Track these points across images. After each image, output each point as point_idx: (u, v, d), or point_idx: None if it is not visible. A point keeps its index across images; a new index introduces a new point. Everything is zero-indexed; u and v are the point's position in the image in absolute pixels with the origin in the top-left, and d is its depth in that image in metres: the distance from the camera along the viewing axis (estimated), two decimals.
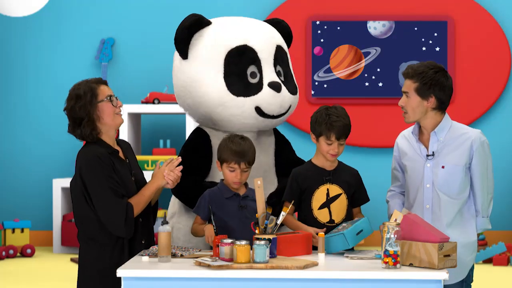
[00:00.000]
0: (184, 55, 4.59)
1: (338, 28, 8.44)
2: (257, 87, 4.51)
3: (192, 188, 4.40)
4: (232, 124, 4.54)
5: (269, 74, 4.54)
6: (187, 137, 7.92)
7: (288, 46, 4.86)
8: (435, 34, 8.41)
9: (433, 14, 8.46)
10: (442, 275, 3.40)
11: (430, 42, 8.41)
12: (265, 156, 4.58)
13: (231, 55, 4.52)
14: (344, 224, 3.99)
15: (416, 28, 8.42)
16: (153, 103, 8.01)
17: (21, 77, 8.60)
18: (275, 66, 4.58)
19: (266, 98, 4.49)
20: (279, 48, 4.64)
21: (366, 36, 8.45)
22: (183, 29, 4.53)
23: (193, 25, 4.55)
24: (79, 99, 3.88)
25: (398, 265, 3.48)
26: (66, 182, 8.08)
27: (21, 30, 8.58)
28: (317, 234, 3.91)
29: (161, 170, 3.96)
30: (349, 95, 8.41)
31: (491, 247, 7.53)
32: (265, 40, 4.59)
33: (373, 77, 8.44)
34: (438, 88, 4.05)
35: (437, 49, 8.42)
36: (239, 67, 4.51)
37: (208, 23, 4.62)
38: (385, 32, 8.46)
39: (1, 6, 8.58)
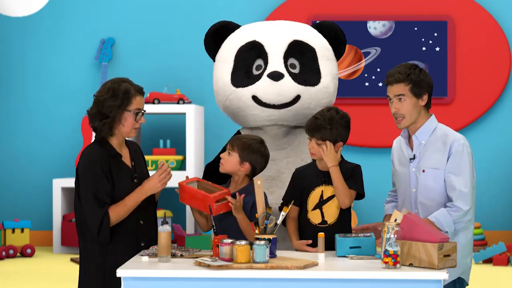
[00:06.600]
0: (212, 58, 4.81)
1: None
2: (257, 78, 4.57)
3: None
4: (245, 119, 4.63)
5: (274, 65, 4.58)
6: (187, 137, 7.97)
7: (338, 46, 4.77)
8: (435, 34, 8.41)
9: (433, 14, 8.46)
10: (442, 275, 3.40)
11: (430, 42, 8.41)
12: (294, 156, 4.54)
13: (241, 52, 4.64)
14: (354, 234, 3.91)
15: (416, 28, 8.42)
16: (153, 103, 8.01)
17: (21, 77, 8.60)
18: (286, 58, 4.60)
19: (262, 86, 4.53)
20: (296, 42, 4.63)
21: (366, 36, 8.45)
22: (206, 35, 4.77)
23: (216, 32, 4.76)
24: (113, 97, 3.89)
25: (398, 265, 3.48)
26: (66, 182, 8.07)
27: (20, 30, 8.58)
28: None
29: (153, 179, 3.96)
30: (349, 95, 8.41)
31: (491, 247, 7.52)
32: (275, 35, 4.65)
33: (373, 77, 8.44)
34: (427, 85, 4.07)
35: (437, 49, 8.42)
36: (246, 62, 4.62)
37: (235, 28, 4.78)
38: (385, 32, 8.46)
39: (1, 6, 8.58)
